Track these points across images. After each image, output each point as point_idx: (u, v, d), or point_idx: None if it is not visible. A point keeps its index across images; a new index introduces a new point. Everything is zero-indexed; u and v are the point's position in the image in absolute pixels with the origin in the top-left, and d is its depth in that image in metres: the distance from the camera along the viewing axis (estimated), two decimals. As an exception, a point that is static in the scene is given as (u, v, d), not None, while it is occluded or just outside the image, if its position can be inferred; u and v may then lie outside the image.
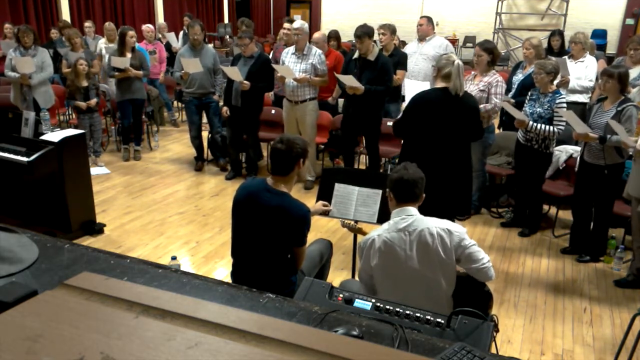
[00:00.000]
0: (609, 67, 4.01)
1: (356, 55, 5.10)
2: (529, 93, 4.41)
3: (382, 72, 4.92)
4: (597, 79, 5.61)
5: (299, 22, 5.52)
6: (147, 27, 7.54)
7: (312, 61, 5.24)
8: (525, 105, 4.39)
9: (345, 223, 3.10)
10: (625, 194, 3.75)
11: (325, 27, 14.56)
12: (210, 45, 7.53)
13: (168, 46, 8.42)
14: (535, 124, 4.16)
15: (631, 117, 3.68)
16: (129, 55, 5.99)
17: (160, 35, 8.58)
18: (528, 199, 4.57)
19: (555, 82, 4.35)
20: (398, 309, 1.73)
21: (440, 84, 3.49)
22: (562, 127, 4.15)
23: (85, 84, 5.83)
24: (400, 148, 3.69)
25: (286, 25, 6.32)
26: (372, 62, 4.93)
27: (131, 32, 6.04)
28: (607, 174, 3.86)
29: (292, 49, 5.41)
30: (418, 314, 1.71)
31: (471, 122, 3.53)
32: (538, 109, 4.21)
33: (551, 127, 4.13)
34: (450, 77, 3.42)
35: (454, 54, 6.38)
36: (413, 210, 2.40)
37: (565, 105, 4.15)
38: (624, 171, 3.99)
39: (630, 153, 3.79)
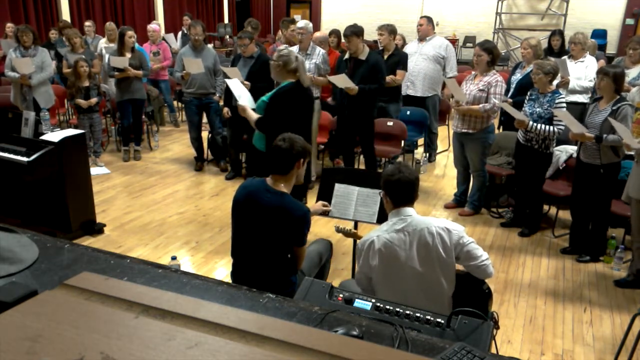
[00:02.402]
0: (605, 66, 4.02)
1: (347, 56, 5.11)
2: (528, 93, 4.41)
3: (374, 71, 4.94)
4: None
5: (303, 21, 5.51)
6: (151, 28, 7.52)
7: (315, 61, 5.24)
8: (524, 105, 4.40)
9: (340, 228, 3.10)
10: (624, 196, 3.74)
11: (325, 27, 14.55)
12: (211, 46, 7.52)
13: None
14: (535, 124, 4.16)
15: (626, 116, 3.68)
16: (128, 55, 5.99)
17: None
18: (528, 199, 4.57)
19: (555, 82, 4.35)
20: (398, 309, 1.73)
21: (289, 79, 3.77)
22: (562, 127, 4.15)
23: (86, 83, 5.83)
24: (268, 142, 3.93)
25: (292, 26, 6.31)
26: (363, 62, 4.95)
27: (130, 32, 6.04)
28: (603, 173, 3.86)
29: (295, 48, 5.41)
30: (418, 314, 1.71)
31: (312, 107, 4.13)
32: (537, 109, 4.22)
33: (551, 127, 4.13)
34: (297, 72, 3.74)
35: (454, 53, 6.40)
36: (410, 210, 2.39)
37: (564, 105, 4.15)
38: (621, 171, 3.99)
39: (630, 153, 3.78)
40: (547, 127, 4.14)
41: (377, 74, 4.96)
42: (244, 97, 4.20)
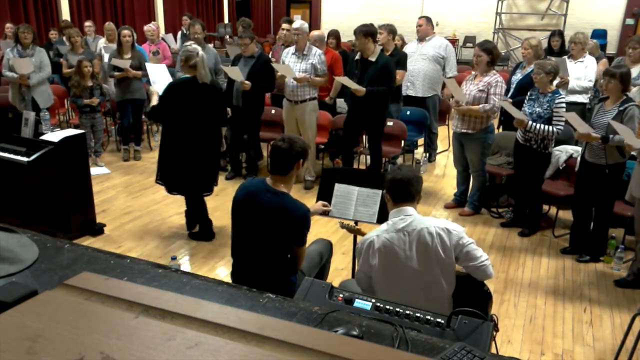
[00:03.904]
0: (610, 67, 4.01)
1: (358, 56, 5.10)
2: (529, 93, 4.42)
3: (384, 72, 4.92)
4: (597, 80, 5.61)
5: (299, 22, 5.51)
6: (148, 27, 7.50)
7: (312, 61, 5.24)
8: (524, 105, 4.40)
9: (344, 224, 3.10)
10: (628, 196, 3.74)
11: (325, 27, 14.54)
12: (211, 46, 7.51)
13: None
14: (534, 124, 4.17)
15: (633, 117, 3.68)
16: (127, 55, 5.99)
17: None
18: (528, 199, 4.57)
19: (555, 82, 4.35)
20: (398, 309, 1.73)
21: (188, 74, 3.94)
22: (562, 127, 4.15)
23: (90, 83, 5.84)
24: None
25: (285, 25, 6.31)
26: (373, 63, 4.93)
27: (125, 32, 6.04)
28: (608, 173, 3.86)
29: (292, 49, 5.41)
30: (418, 314, 1.71)
31: (216, 107, 4.06)
32: (537, 109, 4.22)
33: (550, 127, 4.14)
34: (196, 67, 3.88)
35: (454, 54, 6.40)
36: (411, 210, 2.40)
37: (564, 105, 4.16)
38: (624, 171, 3.99)
39: (633, 154, 3.78)
40: (546, 127, 4.14)
41: (387, 75, 4.93)
42: (158, 84, 4.37)
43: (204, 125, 3.98)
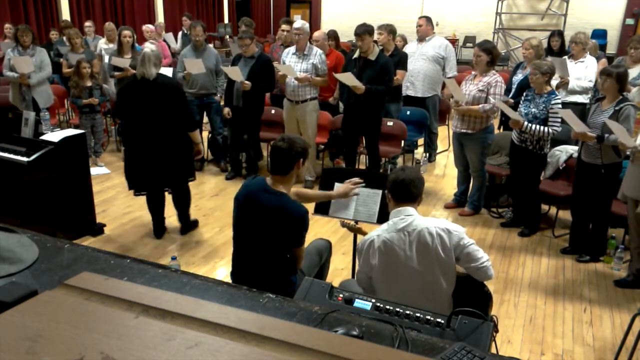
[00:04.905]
0: (608, 66, 4.01)
1: (356, 55, 5.10)
2: (524, 93, 4.42)
3: (383, 72, 4.91)
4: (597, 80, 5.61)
5: (300, 22, 5.51)
6: (146, 27, 7.53)
7: (312, 61, 5.24)
8: (520, 105, 4.40)
9: (345, 223, 3.10)
10: (620, 195, 3.75)
11: (325, 27, 14.53)
12: (211, 46, 7.51)
13: (165, 47, 8.39)
14: (530, 125, 4.17)
15: (629, 116, 3.68)
16: (128, 55, 5.99)
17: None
18: (525, 199, 4.58)
19: (556, 82, 4.34)
20: (398, 309, 1.73)
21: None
22: (557, 128, 4.15)
23: (89, 84, 5.84)
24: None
25: (284, 26, 6.31)
26: (373, 62, 4.93)
27: (125, 32, 6.06)
28: (604, 173, 3.86)
29: (292, 49, 5.41)
30: (418, 314, 1.71)
31: (167, 101, 3.99)
32: (533, 110, 4.22)
33: (546, 128, 4.13)
34: (142, 65, 3.96)
35: (454, 54, 6.40)
36: (411, 210, 2.40)
37: (560, 106, 4.15)
38: (622, 171, 3.99)
39: (628, 153, 3.79)
40: (542, 127, 4.14)
41: (385, 75, 4.93)
42: None
43: (153, 121, 3.98)
